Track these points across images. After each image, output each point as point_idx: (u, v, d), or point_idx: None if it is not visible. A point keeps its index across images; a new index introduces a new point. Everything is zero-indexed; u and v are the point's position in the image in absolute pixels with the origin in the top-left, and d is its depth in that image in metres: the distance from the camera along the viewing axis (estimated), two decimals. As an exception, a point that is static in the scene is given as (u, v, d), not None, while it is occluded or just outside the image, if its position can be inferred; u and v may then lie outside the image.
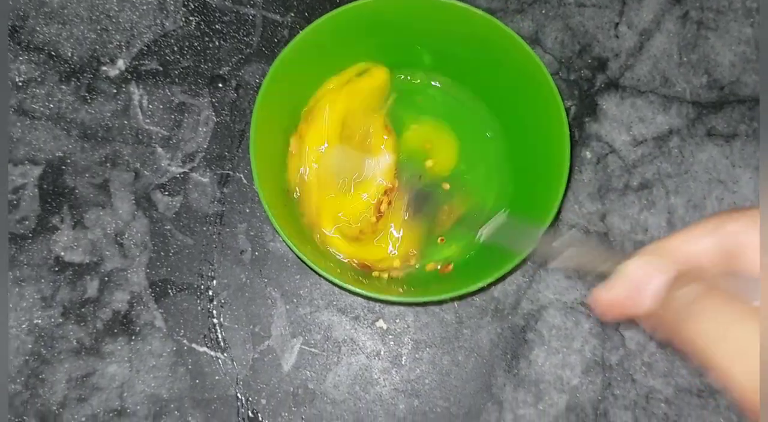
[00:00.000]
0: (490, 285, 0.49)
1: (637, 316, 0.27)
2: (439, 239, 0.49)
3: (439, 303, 0.49)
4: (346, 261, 0.47)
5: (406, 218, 0.48)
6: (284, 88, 0.45)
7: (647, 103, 0.53)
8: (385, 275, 0.48)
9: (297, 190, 0.48)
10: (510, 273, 0.44)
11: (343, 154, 0.47)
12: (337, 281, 0.41)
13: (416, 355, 0.49)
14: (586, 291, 0.50)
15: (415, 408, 0.48)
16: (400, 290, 0.45)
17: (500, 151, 0.50)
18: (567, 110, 0.53)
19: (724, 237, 0.25)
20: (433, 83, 0.51)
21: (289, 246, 0.41)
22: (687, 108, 0.53)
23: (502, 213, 0.48)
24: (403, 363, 0.49)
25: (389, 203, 0.48)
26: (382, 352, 0.49)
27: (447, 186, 0.50)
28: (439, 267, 0.48)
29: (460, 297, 0.49)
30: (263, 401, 0.47)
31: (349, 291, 0.43)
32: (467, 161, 0.51)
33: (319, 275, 0.42)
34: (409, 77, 0.51)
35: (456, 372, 0.48)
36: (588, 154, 0.52)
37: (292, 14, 0.54)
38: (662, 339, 0.27)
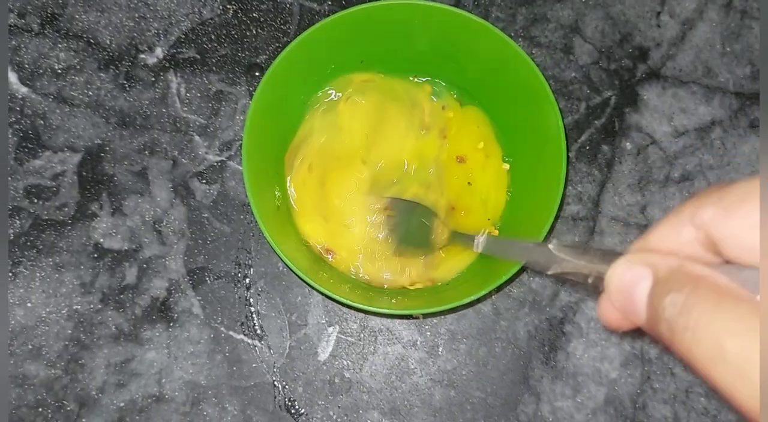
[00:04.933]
0: (484, 297, 0.47)
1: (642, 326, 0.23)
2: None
3: (433, 314, 0.49)
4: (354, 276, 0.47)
5: (394, 244, 0.47)
6: (274, 108, 0.45)
7: (689, 93, 0.52)
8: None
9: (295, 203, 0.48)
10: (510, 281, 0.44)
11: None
12: (319, 288, 0.41)
13: (453, 346, 0.48)
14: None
15: (451, 398, 0.48)
16: (393, 301, 0.45)
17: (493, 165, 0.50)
18: (607, 100, 0.52)
19: (700, 228, 0.22)
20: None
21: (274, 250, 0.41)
22: (730, 99, 0.52)
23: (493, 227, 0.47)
24: (439, 353, 0.48)
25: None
26: (418, 342, 0.48)
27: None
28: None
29: (451, 311, 0.49)
30: (300, 389, 0.47)
31: (338, 302, 0.43)
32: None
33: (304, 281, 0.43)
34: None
35: (493, 364, 0.48)
36: (628, 145, 0.51)
37: (329, 2, 0.53)
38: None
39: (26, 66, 0.51)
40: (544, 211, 0.41)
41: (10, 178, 0.49)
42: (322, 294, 0.41)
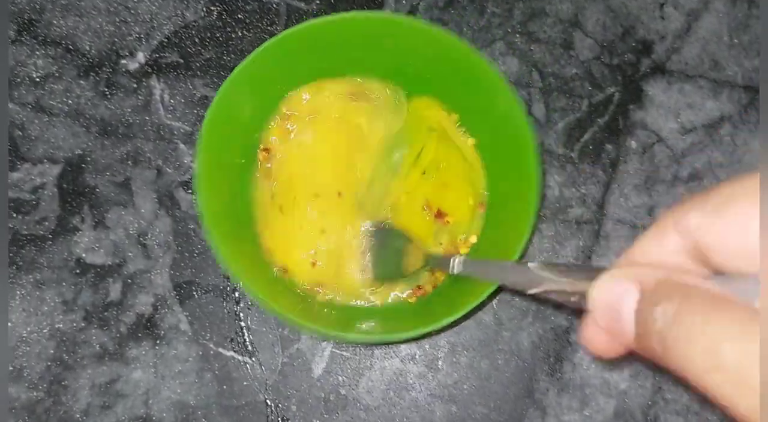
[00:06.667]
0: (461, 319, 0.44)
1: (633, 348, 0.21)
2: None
3: (406, 341, 0.46)
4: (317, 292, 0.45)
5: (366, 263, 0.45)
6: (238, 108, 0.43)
7: (696, 88, 0.50)
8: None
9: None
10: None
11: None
12: (285, 314, 0.38)
13: (453, 359, 0.46)
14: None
15: (452, 414, 0.45)
16: (364, 327, 0.42)
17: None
18: (610, 97, 0.50)
19: (685, 236, 0.20)
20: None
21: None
22: (739, 93, 0.50)
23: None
24: (439, 367, 0.46)
25: None
26: (417, 356, 0.46)
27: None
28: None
29: (423, 336, 0.46)
30: (293, 407, 0.45)
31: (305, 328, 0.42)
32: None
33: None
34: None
35: (496, 377, 0.46)
36: (633, 144, 0.49)
37: (317, 2, 0.51)
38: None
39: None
40: (519, 229, 0.39)
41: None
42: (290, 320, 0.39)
